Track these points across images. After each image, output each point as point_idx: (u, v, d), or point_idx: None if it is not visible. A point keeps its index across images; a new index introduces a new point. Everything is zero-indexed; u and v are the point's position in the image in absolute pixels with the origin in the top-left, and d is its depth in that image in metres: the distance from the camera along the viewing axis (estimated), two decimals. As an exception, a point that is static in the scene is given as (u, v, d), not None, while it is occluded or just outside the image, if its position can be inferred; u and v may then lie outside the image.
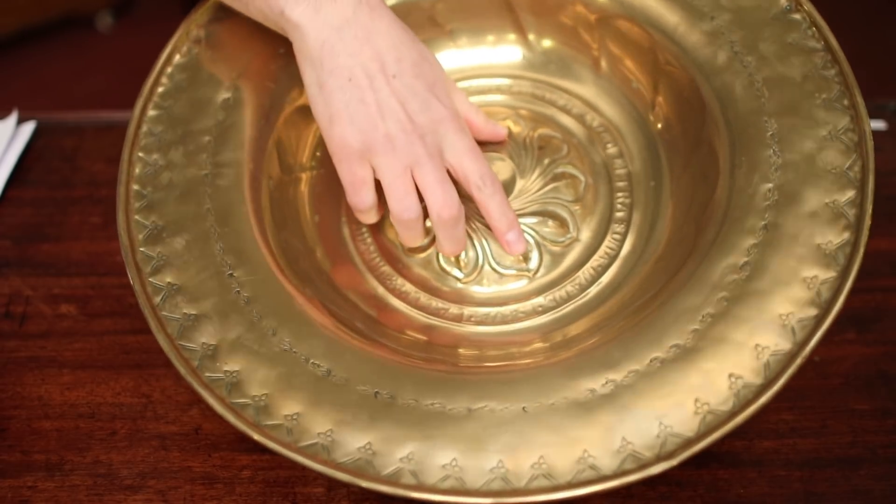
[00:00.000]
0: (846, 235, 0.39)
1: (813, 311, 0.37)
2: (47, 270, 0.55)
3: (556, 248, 0.48)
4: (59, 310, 0.52)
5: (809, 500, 0.43)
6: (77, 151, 0.61)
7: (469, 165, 0.44)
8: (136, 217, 0.44)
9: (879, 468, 0.44)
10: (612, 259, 0.47)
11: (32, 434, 0.47)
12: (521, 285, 0.47)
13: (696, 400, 0.36)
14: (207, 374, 0.39)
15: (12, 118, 0.63)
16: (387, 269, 0.49)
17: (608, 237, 0.48)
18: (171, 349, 0.40)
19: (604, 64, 0.53)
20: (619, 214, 0.49)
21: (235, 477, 0.44)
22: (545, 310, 0.47)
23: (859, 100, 0.42)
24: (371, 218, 0.47)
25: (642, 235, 0.48)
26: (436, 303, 0.48)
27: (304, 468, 0.44)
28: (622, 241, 0.48)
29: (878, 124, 0.61)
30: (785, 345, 0.37)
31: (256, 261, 0.44)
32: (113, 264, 0.55)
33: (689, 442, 0.35)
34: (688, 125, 0.48)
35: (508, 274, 0.47)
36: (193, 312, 0.41)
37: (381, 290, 0.48)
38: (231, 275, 0.43)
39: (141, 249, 0.43)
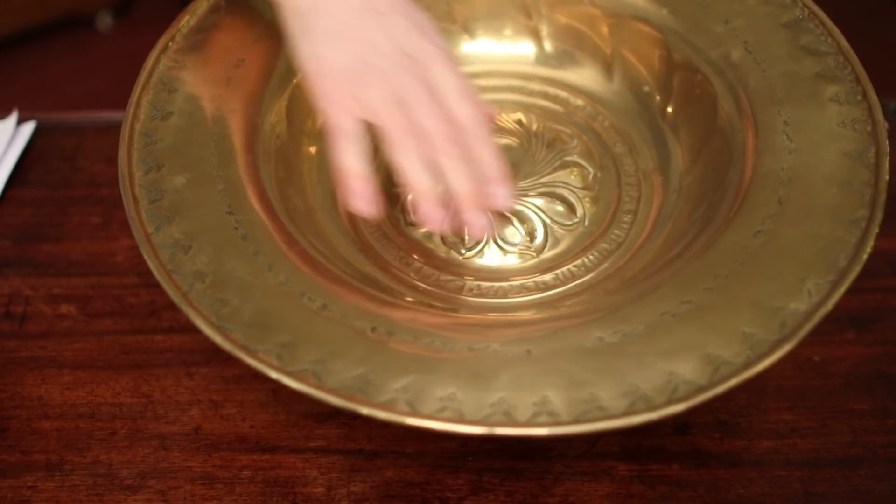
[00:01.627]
0: (861, 212, 0.39)
1: (830, 276, 0.37)
2: (47, 270, 0.55)
3: (562, 231, 0.48)
4: (59, 310, 0.52)
5: (809, 500, 0.43)
6: (77, 151, 0.61)
7: (459, 104, 0.42)
8: (137, 155, 0.44)
9: (879, 468, 0.44)
10: (619, 245, 0.48)
11: (32, 434, 0.47)
12: (524, 263, 0.47)
13: (709, 351, 0.36)
14: (198, 300, 0.38)
15: (12, 118, 0.63)
16: (387, 242, 0.49)
17: (615, 225, 0.48)
18: (162, 274, 0.39)
19: (616, 67, 0.54)
20: (627, 206, 0.49)
21: (235, 477, 0.44)
22: (547, 287, 0.46)
23: (872, 95, 0.43)
24: (361, 186, 0.43)
25: (650, 226, 0.48)
26: (437, 275, 0.47)
27: (304, 468, 0.44)
28: (629, 230, 0.48)
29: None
30: (801, 305, 0.36)
31: (257, 205, 0.44)
32: (113, 264, 0.55)
33: (701, 388, 0.34)
34: (699, 120, 0.49)
35: (512, 251, 0.47)
36: (188, 243, 0.41)
37: (381, 261, 0.48)
38: (230, 213, 0.43)
39: (140, 185, 0.43)
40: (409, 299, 0.45)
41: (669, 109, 0.51)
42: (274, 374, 0.36)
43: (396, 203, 0.50)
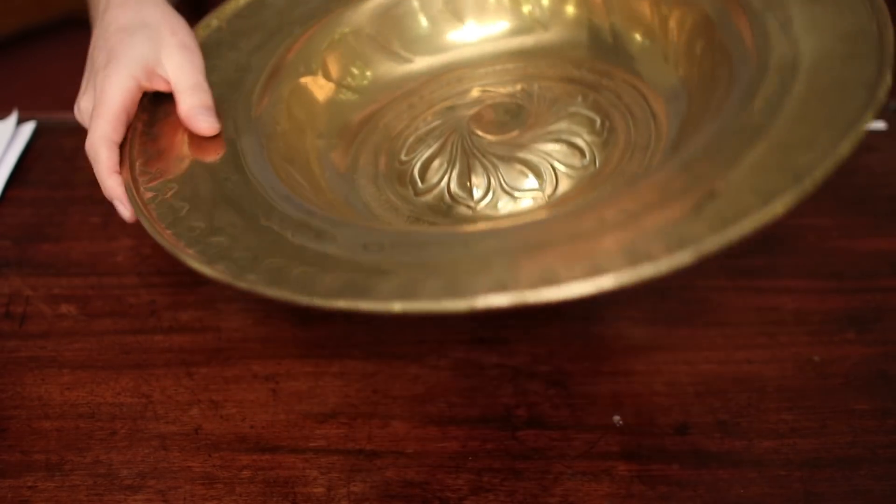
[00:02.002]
0: (869, 72, 0.37)
1: (840, 127, 0.35)
2: (47, 270, 0.55)
3: (574, 173, 0.47)
4: (59, 310, 0.52)
5: (809, 500, 0.43)
6: (77, 151, 0.61)
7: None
8: (138, 147, 0.46)
9: (879, 468, 0.44)
10: (633, 179, 0.46)
11: (32, 434, 0.47)
12: (537, 205, 0.47)
13: (719, 208, 0.34)
14: (189, 245, 0.39)
15: (12, 118, 0.63)
16: (395, 213, 0.49)
17: (627, 163, 0.47)
18: (152, 225, 0.41)
19: (616, 30, 0.54)
20: (638, 143, 0.48)
21: (235, 477, 0.44)
22: None
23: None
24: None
25: (661, 159, 0.47)
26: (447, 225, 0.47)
27: (304, 468, 0.44)
28: (641, 164, 0.47)
29: (879, 124, 0.61)
30: (814, 154, 0.35)
31: (259, 171, 0.45)
32: (113, 264, 0.55)
33: (713, 239, 0.32)
34: (699, 50, 0.48)
35: (524, 197, 0.47)
36: (183, 204, 0.42)
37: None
38: (226, 179, 0.44)
39: (140, 168, 0.44)
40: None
41: (670, 53, 0.51)
42: (260, 290, 0.36)
43: (404, 179, 0.50)
